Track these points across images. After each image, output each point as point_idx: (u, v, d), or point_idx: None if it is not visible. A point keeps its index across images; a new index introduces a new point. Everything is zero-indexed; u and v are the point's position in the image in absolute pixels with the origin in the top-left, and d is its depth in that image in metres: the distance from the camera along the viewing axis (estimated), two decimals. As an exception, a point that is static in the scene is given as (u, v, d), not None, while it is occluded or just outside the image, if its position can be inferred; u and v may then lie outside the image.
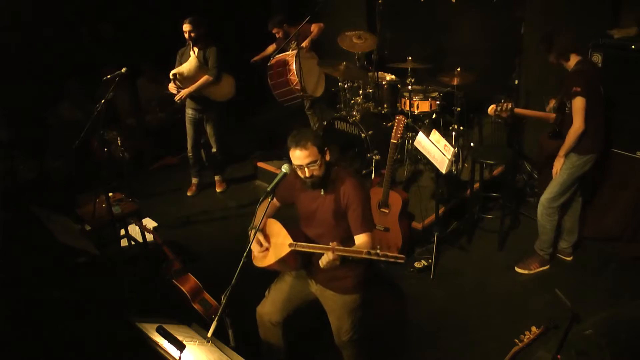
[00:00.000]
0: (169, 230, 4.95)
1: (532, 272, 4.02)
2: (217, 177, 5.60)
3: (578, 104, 3.45)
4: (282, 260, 2.68)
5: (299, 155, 2.58)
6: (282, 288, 2.96)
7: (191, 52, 4.79)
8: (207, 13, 6.23)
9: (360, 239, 2.63)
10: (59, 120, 5.97)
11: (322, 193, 2.70)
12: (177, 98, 4.85)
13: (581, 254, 4.17)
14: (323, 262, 2.45)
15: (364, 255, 2.35)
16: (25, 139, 5.79)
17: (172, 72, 4.71)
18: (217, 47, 4.84)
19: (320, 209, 2.72)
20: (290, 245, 2.60)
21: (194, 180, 5.56)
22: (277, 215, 2.93)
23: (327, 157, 2.65)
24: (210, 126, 5.18)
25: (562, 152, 3.66)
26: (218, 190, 5.57)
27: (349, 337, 2.89)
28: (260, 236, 2.76)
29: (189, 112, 5.12)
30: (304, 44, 5.31)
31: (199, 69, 4.81)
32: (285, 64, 5.27)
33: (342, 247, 2.42)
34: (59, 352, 3.50)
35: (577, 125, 3.49)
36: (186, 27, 4.71)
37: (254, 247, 2.77)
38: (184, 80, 4.79)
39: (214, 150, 5.35)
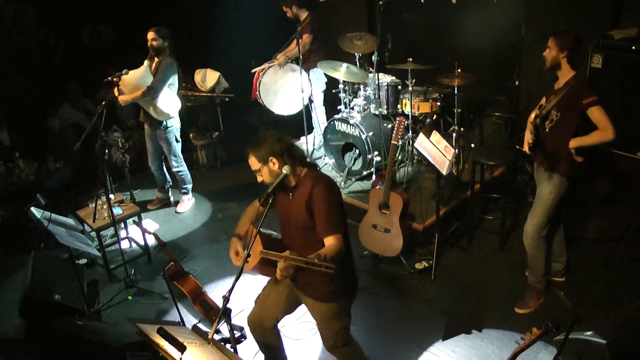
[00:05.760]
0: (169, 231, 4.96)
1: (532, 309, 3.63)
2: (181, 197, 5.33)
3: (600, 112, 3.11)
4: (259, 267, 2.64)
5: (249, 162, 2.60)
6: (270, 294, 2.92)
7: (146, 61, 4.61)
8: (207, 15, 6.22)
9: (328, 242, 2.52)
10: (60, 122, 5.98)
11: (291, 197, 2.65)
12: (120, 102, 4.64)
13: (581, 254, 4.16)
14: (277, 272, 2.38)
15: (304, 265, 2.25)
16: (26, 141, 5.80)
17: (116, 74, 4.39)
18: (172, 64, 4.58)
19: (293, 214, 2.66)
20: (261, 253, 2.49)
21: (158, 195, 5.42)
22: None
23: (276, 165, 2.55)
24: (163, 143, 4.93)
25: (575, 144, 3.23)
26: (177, 210, 5.29)
27: (331, 344, 2.85)
28: (238, 246, 2.76)
29: (145, 127, 4.97)
30: (279, 59, 5.40)
31: (144, 80, 4.57)
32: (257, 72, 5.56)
33: (294, 257, 2.31)
34: (59, 352, 3.49)
35: (610, 135, 3.10)
36: (149, 35, 4.52)
37: (232, 257, 2.76)
38: (123, 86, 4.55)
39: (172, 169, 5.14)
